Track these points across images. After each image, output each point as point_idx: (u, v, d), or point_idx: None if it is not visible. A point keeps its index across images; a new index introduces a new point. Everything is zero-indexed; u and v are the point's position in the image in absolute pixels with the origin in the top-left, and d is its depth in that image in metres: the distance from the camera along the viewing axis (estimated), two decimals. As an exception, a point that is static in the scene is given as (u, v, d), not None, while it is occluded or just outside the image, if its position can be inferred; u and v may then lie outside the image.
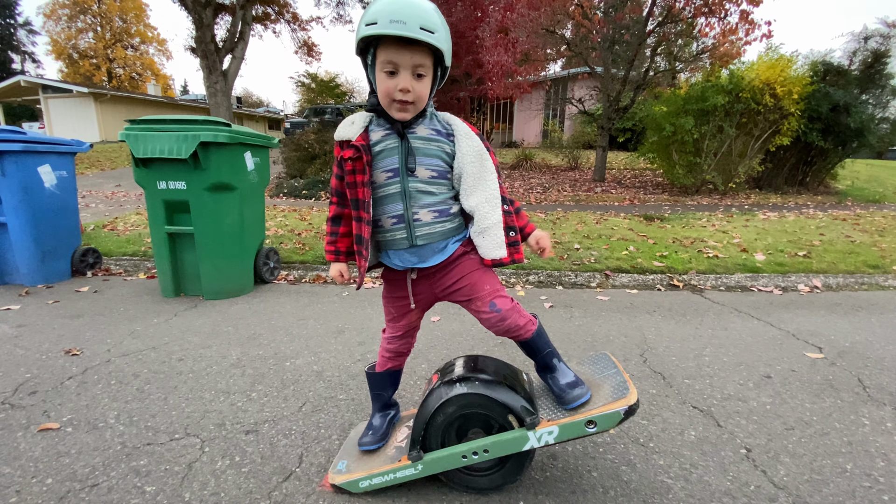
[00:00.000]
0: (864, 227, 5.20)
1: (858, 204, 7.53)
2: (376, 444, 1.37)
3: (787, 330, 2.54)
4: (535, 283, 3.48)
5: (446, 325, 2.55)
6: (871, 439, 1.57)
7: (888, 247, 4.21)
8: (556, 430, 1.21)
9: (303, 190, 7.95)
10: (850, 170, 9.95)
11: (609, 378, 1.32)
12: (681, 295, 3.23)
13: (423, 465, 1.25)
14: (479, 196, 1.22)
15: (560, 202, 7.65)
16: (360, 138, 1.17)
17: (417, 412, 1.28)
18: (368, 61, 1.14)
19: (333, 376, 1.97)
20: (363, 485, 1.27)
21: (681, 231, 4.91)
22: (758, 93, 7.38)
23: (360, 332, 2.45)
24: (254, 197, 3.25)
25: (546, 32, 8.34)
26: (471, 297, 1.24)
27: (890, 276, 3.54)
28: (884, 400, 1.82)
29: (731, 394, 1.85)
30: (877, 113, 8.38)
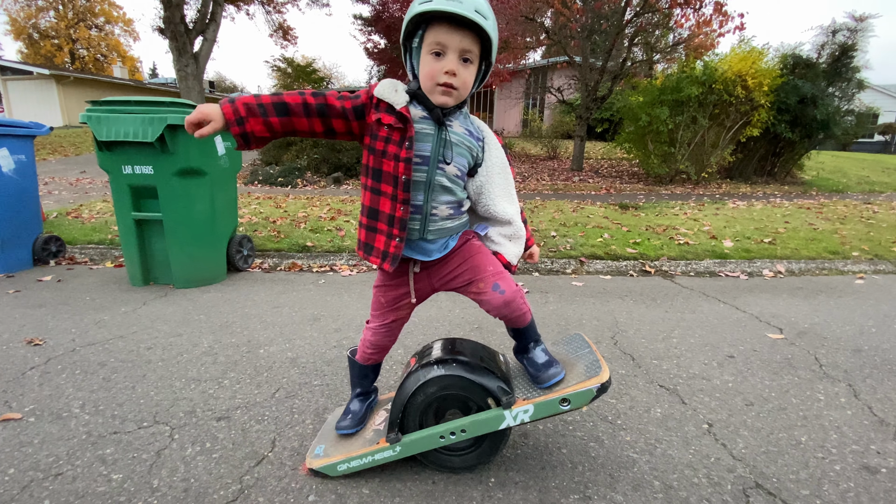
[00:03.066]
0: (827, 215, 5.42)
1: (822, 193, 7.84)
2: (354, 429, 1.37)
3: (751, 312, 2.65)
4: (512, 269, 3.52)
5: (423, 311, 2.56)
6: (825, 413, 1.66)
7: (848, 234, 4.41)
8: (532, 409, 1.23)
9: (278, 177, 7.79)
10: (816, 161, 10.34)
11: (582, 357, 1.34)
12: (652, 280, 3.32)
13: (402, 446, 1.26)
14: (511, 207, 1.27)
15: (539, 191, 7.71)
16: (404, 108, 1.09)
17: (395, 395, 1.28)
18: (414, 44, 1.10)
19: (308, 363, 1.96)
20: (341, 468, 1.27)
21: (654, 219, 5.02)
22: (730, 84, 7.55)
23: (337, 319, 2.43)
24: (225, 182, 3.17)
25: (525, 20, 8.31)
26: (472, 279, 1.22)
27: (849, 261, 3.71)
28: (838, 377, 1.92)
29: (697, 373, 1.93)
30: (842, 105, 8.70)
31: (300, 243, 3.65)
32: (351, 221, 4.39)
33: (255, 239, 3.73)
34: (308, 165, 8.30)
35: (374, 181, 1.14)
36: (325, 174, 8.17)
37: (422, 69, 1.08)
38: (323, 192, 6.74)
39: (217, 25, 12.80)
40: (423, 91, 1.10)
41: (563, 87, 10.45)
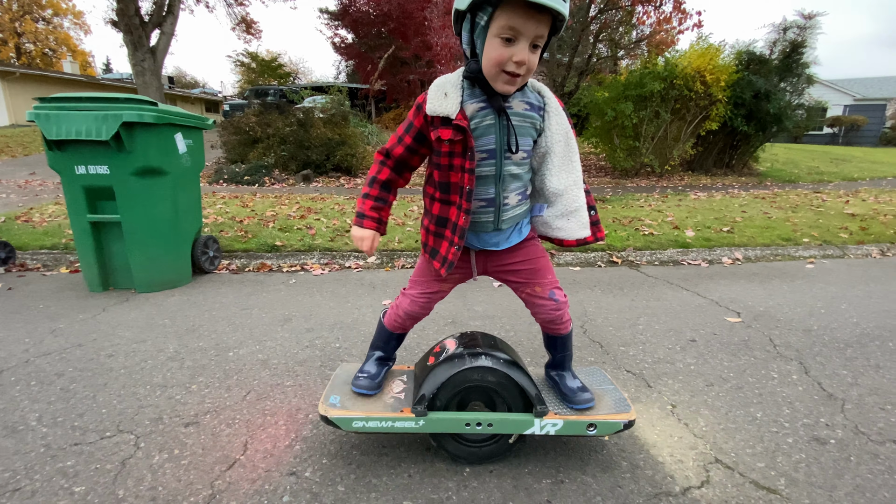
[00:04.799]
0: (780, 204, 5.72)
1: (776, 184, 8.26)
2: (372, 391, 1.36)
3: (712, 298, 2.78)
4: (485, 264, 3.55)
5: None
6: (778, 390, 1.76)
7: (799, 221, 4.67)
8: (561, 424, 1.29)
9: (244, 176, 7.57)
10: (770, 153, 10.85)
11: (608, 392, 1.43)
12: (619, 270, 3.43)
13: (426, 421, 1.27)
14: (568, 178, 1.19)
15: (510, 186, 7.80)
16: (459, 115, 1.05)
17: (432, 372, 1.30)
18: (481, 22, 0.99)
19: (280, 364, 1.93)
20: (357, 424, 1.27)
21: (621, 211, 5.17)
22: (690, 80, 7.83)
23: (309, 319, 2.40)
24: (188, 182, 3.06)
25: (493, 16, 8.36)
26: (531, 280, 1.27)
27: (800, 247, 3.94)
28: (790, 356, 2.04)
29: (661, 357, 2.01)
30: (793, 100, 9.15)
31: (269, 243, 3.58)
32: (322, 220, 4.33)
33: (221, 240, 3.62)
34: (276, 163, 8.10)
35: (443, 193, 1.17)
36: (294, 172, 8.00)
37: (487, 53, 1.00)
38: (292, 191, 6.60)
39: (175, 18, 12.28)
40: (485, 76, 1.04)
41: (532, 83, 10.58)
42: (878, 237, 4.20)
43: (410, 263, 3.41)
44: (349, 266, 3.34)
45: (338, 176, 8.15)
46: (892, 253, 3.97)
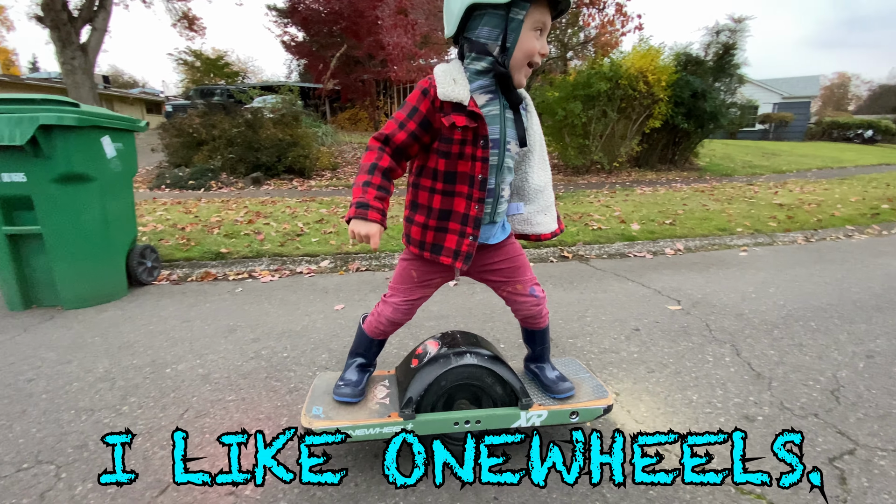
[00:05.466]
0: (717, 196, 6.10)
1: (714, 178, 8.80)
2: (356, 398, 1.33)
3: (655, 288, 2.91)
4: (440, 263, 3.55)
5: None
6: (712, 373, 1.87)
7: (734, 212, 5.00)
8: (546, 415, 1.34)
9: (189, 180, 7.19)
10: (709, 148, 11.57)
11: (586, 380, 1.50)
12: (570, 264, 3.53)
13: (414, 424, 1.26)
14: (545, 175, 1.25)
15: (467, 185, 7.86)
16: (472, 102, 1.05)
17: (418, 374, 1.29)
18: (519, 15, 1.02)
19: (222, 378, 1.83)
20: None
21: (571, 207, 5.33)
22: (633, 80, 8.19)
23: (255, 329, 2.30)
24: (119, 188, 2.86)
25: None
26: (511, 278, 1.29)
27: (735, 236, 4.21)
28: (724, 339, 2.17)
29: (607, 347, 2.08)
30: (727, 98, 9.78)
31: (214, 250, 3.41)
32: (272, 224, 4.18)
33: (161, 248, 3.41)
34: (223, 166, 7.75)
35: (446, 183, 1.13)
36: (243, 175, 7.68)
37: (522, 45, 1.04)
38: (241, 195, 6.33)
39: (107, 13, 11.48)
40: (512, 66, 1.07)
41: (485, 83, 10.71)
42: (803, 225, 4.56)
43: (366, 266, 3.36)
44: (301, 272, 3.24)
45: (290, 178, 7.90)
46: (815, 239, 4.32)
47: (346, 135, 14.67)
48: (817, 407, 1.63)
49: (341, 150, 10.50)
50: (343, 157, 9.94)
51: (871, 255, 3.75)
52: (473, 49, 1.08)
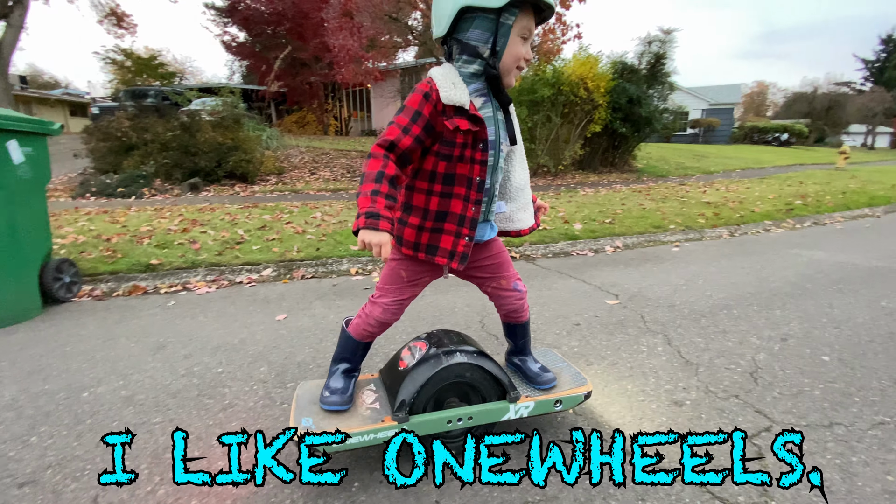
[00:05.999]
0: (653, 196, 6.48)
1: (651, 178, 9.36)
2: (345, 406, 1.30)
3: (595, 284, 3.03)
4: (390, 268, 3.51)
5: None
6: (646, 362, 1.97)
7: (667, 211, 5.33)
8: (532, 405, 1.39)
9: (118, 187, 6.67)
10: (645, 151, 12.29)
11: (564, 370, 1.56)
12: (517, 264, 3.60)
13: (408, 426, 1.26)
14: (526, 174, 1.29)
15: (418, 188, 7.86)
16: (472, 106, 1.08)
17: (409, 376, 1.29)
18: (509, 21, 1.06)
19: (148, 399, 1.70)
20: None
21: (521, 209, 5.46)
22: (575, 86, 8.55)
23: (187, 345, 2.16)
24: (29, 196, 2.59)
25: (390, 19, 8.35)
26: (496, 274, 1.35)
27: (668, 233, 4.48)
28: (657, 330, 2.30)
29: (550, 343, 2.14)
30: (660, 105, 10.43)
31: (143, 262, 3.17)
32: (209, 232, 3.95)
33: (82, 262, 3.13)
34: (156, 172, 7.25)
35: (444, 185, 1.15)
36: (179, 181, 7.23)
37: (511, 50, 1.09)
38: (176, 202, 5.96)
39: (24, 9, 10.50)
40: (502, 69, 1.11)
41: (434, 87, 10.78)
42: (728, 220, 4.94)
43: (312, 273, 3.26)
44: (240, 281, 3.09)
45: (232, 184, 7.54)
46: (738, 234, 4.70)
47: (294, 138, 14.23)
48: (738, 389, 1.76)
49: (287, 155, 10.16)
50: (290, 162, 9.63)
51: (786, 246, 4.12)
52: (464, 51, 1.11)
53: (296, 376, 1.83)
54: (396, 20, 8.53)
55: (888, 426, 1.52)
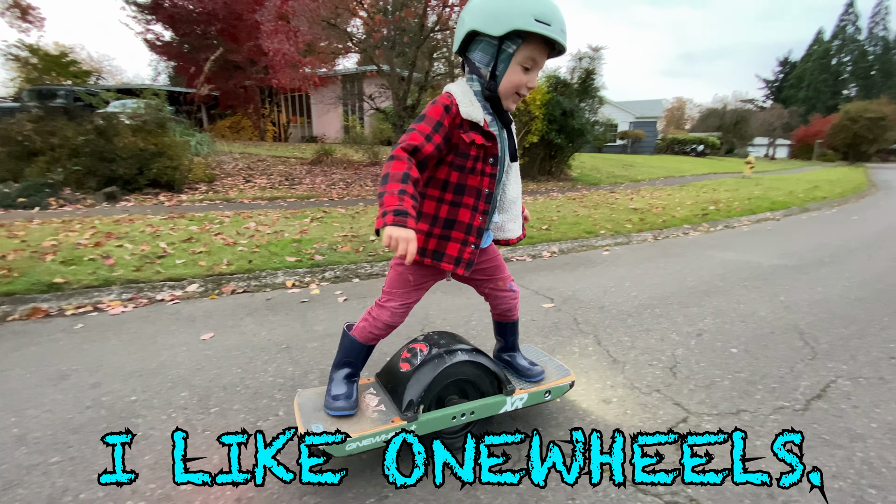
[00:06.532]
0: (586, 203, 6.84)
1: (584, 187, 9.88)
2: (352, 410, 1.32)
3: (533, 289, 3.14)
4: (331, 279, 3.40)
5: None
6: (578, 363, 2.06)
7: (598, 217, 5.64)
8: (526, 397, 1.50)
9: (18, 197, 5.94)
10: (580, 161, 12.98)
11: (548, 363, 1.69)
12: (460, 272, 3.64)
13: (417, 425, 1.31)
14: (518, 188, 1.37)
15: (363, 197, 7.72)
16: (486, 123, 1.16)
17: (414, 376, 1.34)
18: (510, 49, 1.12)
19: (45, 436, 1.51)
20: (350, 447, 1.23)
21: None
22: (513, 97, 8.86)
23: (96, 372, 1.95)
24: None
25: (328, 25, 8.20)
26: (493, 276, 1.46)
27: (599, 238, 4.74)
28: (588, 331, 2.41)
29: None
30: (591, 117, 11.08)
31: (45, 281, 2.83)
32: (126, 245, 3.62)
33: (-34, 283, 2.74)
34: (66, 180, 6.55)
35: (455, 195, 1.22)
36: (94, 189, 6.58)
37: (509, 77, 1.15)
38: (88, 213, 5.41)
39: None
40: (500, 93, 1.17)
41: (375, 95, 10.69)
42: (652, 225, 5.32)
43: (243, 288, 3.08)
44: (161, 299, 2.85)
45: (155, 192, 6.99)
46: (661, 237, 5.07)
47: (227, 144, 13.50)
48: (659, 383, 1.88)
49: (220, 161, 9.61)
50: (222, 169, 9.11)
51: (702, 248, 4.51)
52: (471, 70, 1.20)
53: (221, 400, 1.71)
54: (335, 26, 8.38)
55: (786, 410, 1.70)
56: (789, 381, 1.91)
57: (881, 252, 4.39)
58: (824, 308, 2.79)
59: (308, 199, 7.05)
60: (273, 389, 1.78)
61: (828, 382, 1.90)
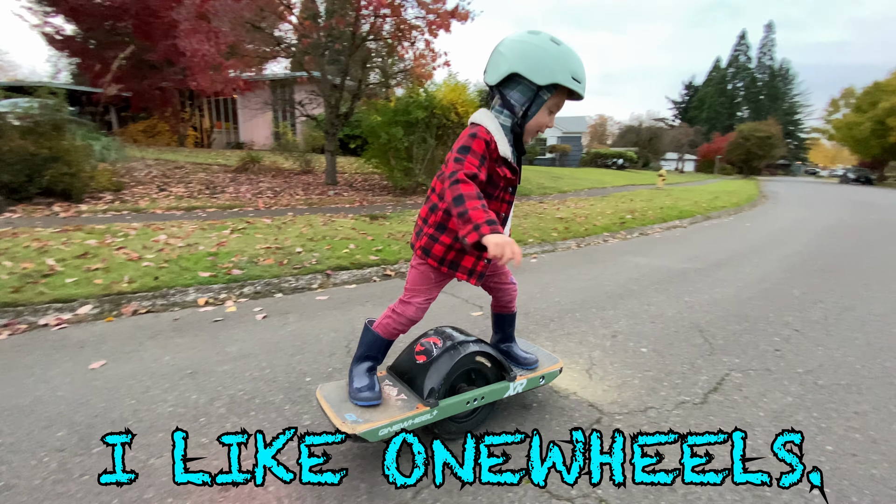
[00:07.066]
0: (516, 213, 7.07)
1: (517, 197, 10.24)
2: (378, 400, 1.43)
3: (463, 297, 3.16)
4: (250, 294, 3.19)
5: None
6: (503, 370, 2.08)
7: (528, 226, 5.86)
8: (525, 382, 1.67)
9: None
10: (513, 172, 13.43)
11: (538, 352, 1.88)
12: (392, 282, 3.59)
13: (438, 410, 1.44)
14: (511, 210, 1.54)
15: (292, 206, 7.40)
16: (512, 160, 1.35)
17: (433, 366, 1.49)
18: (545, 97, 1.31)
19: None
20: (383, 432, 1.32)
21: (397, 227, 5.49)
22: (447, 110, 9.01)
23: None
24: None
25: (253, 28, 7.83)
26: (497, 271, 1.65)
27: (528, 246, 4.91)
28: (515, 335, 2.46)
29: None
30: (521, 131, 11.56)
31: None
32: (4, 263, 3.15)
33: None
34: (-69, 188, 5.61)
35: (490, 200, 1.37)
36: (-31, 200, 5.70)
37: (538, 118, 1.34)
38: (-40, 227, 4.66)
39: None
40: (526, 129, 1.34)
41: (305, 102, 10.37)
42: (576, 234, 5.62)
43: (146, 308, 2.79)
44: (45, 324, 2.50)
45: (49, 202, 6.20)
46: (583, 245, 5.36)
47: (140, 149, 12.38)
48: (577, 385, 1.96)
49: (130, 168, 8.78)
50: (132, 176, 8.32)
51: (619, 254, 4.83)
52: (504, 104, 1.35)
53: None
54: (260, 29, 8.03)
55: (687, 405, 1.83)
56: (690, 377, 2.07)
57: (768, 255, 4.98)
58: (721, 307, 3.09)
59: (230, 208, 6.63)
60: (171, 421, 1.61)
61: (723, 376, 2.09)
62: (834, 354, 2.36)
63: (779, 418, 1.74)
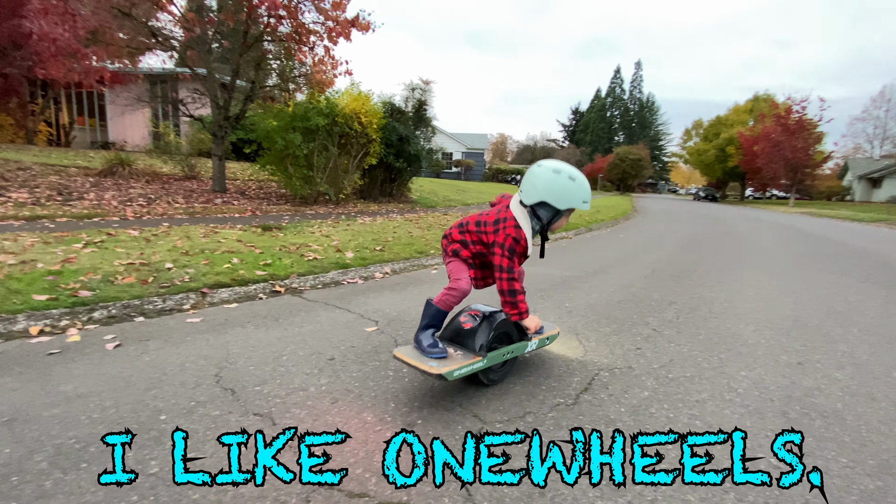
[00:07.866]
0: (421, 224, 7.15)
1: (423, 209, 10.37)
2: (445, 353, 1.90)
3: (358, 312, 3.06)
4: (102, 319, 2.73)
5: None
6: (390, 388, 2.03)
7: (430, 237, 5.93)
8: (537, 342, 2.26)
9: None
10: (419, 185, 13.65)
11: None
12: (281, 299, 3.35)
13: (487, 360, 1.93)
14: None
15: (169, 215, 6.58)
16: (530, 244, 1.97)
17: (479, 329, 1.98)
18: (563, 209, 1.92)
19: None
20: (457, 373, 1.80)
21: (291, 238, 5.18)
22: (349, 119, 8.83)
23: None
24: None
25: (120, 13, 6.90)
26: None
27: (429, 257, 4.96)
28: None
29: (297, 386, 1.99)
30: (426, 145, 11.77)
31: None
32: None
33: None
34: None
35: None
36: None
37: (559, 221, 1.98)
38: None
39: None
40: (550, 227, 1.99)
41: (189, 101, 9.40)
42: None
43: None
44: None
45: None
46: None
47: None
48: (462, 398, 1.98)
49: (-52, 168, 7.10)
50: (-49, 179, 6.74)
51: (513, 265, 5.09)
52: (535, 215, 1.94)
53: None
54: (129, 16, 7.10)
55: (561, 406, 1.96)
56: (565, 379, 2.22)
57: (635, 262, 5.65)
58: (595, 311, 3.41)
59: (88, 218, 5.70)
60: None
61: (593, 376, 2.28)
62: (682, 350, 2.73)
63: (636, 412, 1.94)
